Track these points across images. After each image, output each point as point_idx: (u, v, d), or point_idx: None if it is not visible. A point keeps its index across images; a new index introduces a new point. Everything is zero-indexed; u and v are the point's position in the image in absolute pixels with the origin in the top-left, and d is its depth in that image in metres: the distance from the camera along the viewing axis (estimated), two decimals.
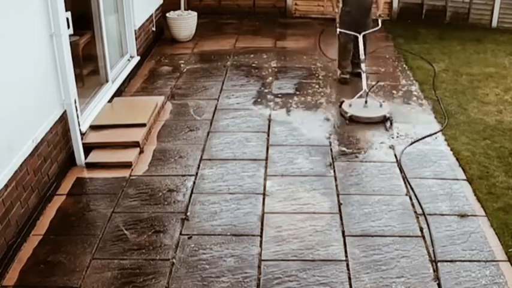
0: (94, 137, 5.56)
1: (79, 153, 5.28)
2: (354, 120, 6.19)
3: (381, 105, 6.35)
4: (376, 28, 6.94)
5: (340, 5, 7.01)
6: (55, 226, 4.50)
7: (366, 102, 6.37)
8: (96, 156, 5.39)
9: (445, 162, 5.42)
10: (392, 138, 5.87)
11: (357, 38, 6.84)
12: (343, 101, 6.48)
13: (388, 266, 4.04)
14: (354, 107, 6.32)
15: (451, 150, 5.63)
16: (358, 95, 6.48)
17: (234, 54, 8.41)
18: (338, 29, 6.95)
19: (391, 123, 6.10)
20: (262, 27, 9.78)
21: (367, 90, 6.44)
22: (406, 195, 4.89)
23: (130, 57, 7.48)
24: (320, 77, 7.53)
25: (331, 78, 7.47)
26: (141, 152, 5.55)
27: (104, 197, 4.87)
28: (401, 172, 5.20)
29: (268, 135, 5.91)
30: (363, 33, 6.84)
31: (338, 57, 7.37)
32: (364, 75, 6.64)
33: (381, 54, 8.43)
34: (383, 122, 6.16)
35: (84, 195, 4.92)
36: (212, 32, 9.48)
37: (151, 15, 8.47)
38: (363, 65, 6.75)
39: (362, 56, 6.75)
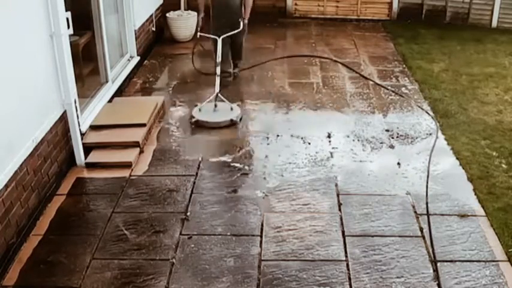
0: (94, 137, 5.55)
1: (79, 153, 5.28)
2: (200, 125, 6.08)
3: (231, 109, 6.28)
4: (236, 31, 6.78)
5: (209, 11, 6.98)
6: (55, 226, 4.50)
7: (215, 106, 6.29)
8: (96, 156, 5.38)
9: (445, 162, 5.42)
10: (392, 138, 5.88)
11: (222, 40, 6.64)
12: (196, 105, 6.39)
13: (388, 266, 4.04)
14: (203, 111, 6.22)
15: (451, 150, 5.63)
16: (209, 99, 6.37)
17: None
18: (199, 33, 6.83)
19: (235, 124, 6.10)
20: (262, 27, 9.76)
21: (218, 93, 6.34)
22: (407, 194, 4.89)
23: (130, 57, 7.48)
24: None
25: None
26: (141, 152, 5.54)
27: (104, 197, 4.86)
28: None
29: (268, 138, 5.92)
30: (222, 36, 6.62)
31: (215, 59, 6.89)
32: (217, 79, 6.44)
33: (380, 55, 8.44)
34: (230, 126, 6.05)
35: (84, 195, 4.92)
36: None
37: (151, 15, 8.47)
38: (218, 68, 6.49)
39: (218, 59, 6.52)
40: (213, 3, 6.98)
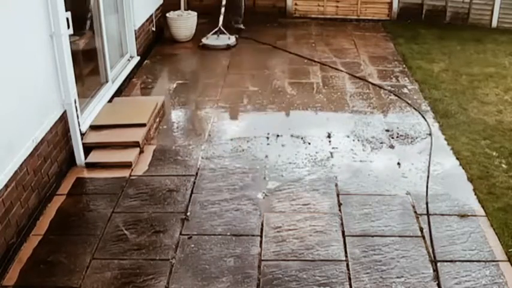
0: (94, 137, 5.55)
1: (79, 153, 5.28)
2: (205, 47, 8.58)
3: (229, 38, 8.72)
4: None
5: None
6: (55, 226, 4.50)
7: (217, 35, 8.78)
8: (96, 156, 5.38)
9: (445, 162, 5.42)
10: (392, 138, 5.88)
11: None
12: (205, 35, 8.79)
13: (388, 266, 4.04)
14: (209, 39, 8.72)
15: (451, 150, 5.63)
16: (214, 31, 8.80)
17: (234, 54, 8.41)
18: None
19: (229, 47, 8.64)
20: (262, 27, 9.77)
21: (220, 27, 8.76)
22: (407, 194, 4.89)
23: (130, 57, 7.48)
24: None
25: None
26: (141, 152, 5.54)
27: (104, 197, 4.86)
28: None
29: (268, 138, 5.92)
30: None
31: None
32: (221, 17, 8.84)
33: (380, 55, 8.44)
34: (227, 49, 8.55)
35: (84, 195, 4.92)
36: None
37: (151, 15, 8.47)
38: (222, 9, 8.84)
39: (222, 9, 8.84)
40: None
